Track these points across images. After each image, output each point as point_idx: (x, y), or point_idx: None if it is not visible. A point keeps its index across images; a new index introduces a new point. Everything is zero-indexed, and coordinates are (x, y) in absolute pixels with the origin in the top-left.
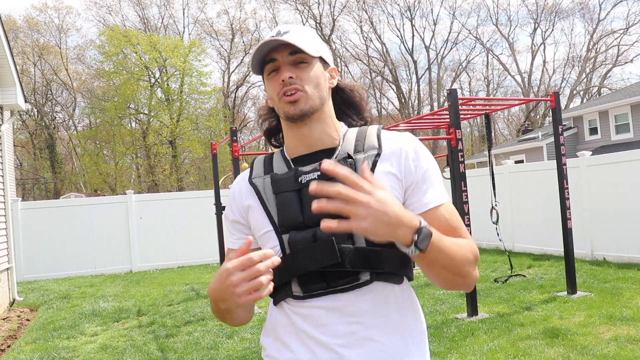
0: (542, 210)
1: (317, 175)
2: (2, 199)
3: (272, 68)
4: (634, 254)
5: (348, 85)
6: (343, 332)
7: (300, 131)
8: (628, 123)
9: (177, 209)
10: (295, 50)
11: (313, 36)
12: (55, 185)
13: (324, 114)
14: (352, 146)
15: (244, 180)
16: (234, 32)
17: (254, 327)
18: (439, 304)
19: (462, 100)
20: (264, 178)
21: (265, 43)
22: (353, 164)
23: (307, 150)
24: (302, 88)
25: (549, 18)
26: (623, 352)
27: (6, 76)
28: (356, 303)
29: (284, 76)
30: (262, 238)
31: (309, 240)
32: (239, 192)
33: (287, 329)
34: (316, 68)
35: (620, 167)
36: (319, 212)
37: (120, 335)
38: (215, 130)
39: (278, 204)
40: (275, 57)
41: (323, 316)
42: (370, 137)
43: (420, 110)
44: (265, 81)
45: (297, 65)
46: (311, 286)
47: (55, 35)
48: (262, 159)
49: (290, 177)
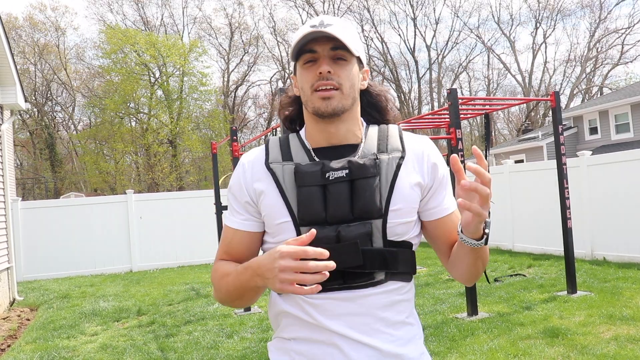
0: (542, 210)
1: (346, 174)
2: (2, 198)
3: (310, 58)
4: (634, 253)
5: (376, 89)
6: (356, 322)
7: (327, 127)
8: (628, 123)
9: (177, 208)
10: (337, 46)
11: (355, 33)
12: (55, 184)
13: (352, 114)
14: (375, 145)
15: (258, 161)
16: (233, 30)
17: (254, 327)
18: (439, 303)
19: (462, 99)
20: (282, 165)
21: (309, 33)
22: (379, 163)
23: (329, 143)
24: (338, 85)
25: (551, 17)
26: (623, 352)
27: (6, 75)
28: (369, 297)
29: (323, 69)
30: (277, 227)
31: (333, 240)
32: (250, 173)
33: (300, 318)
34: (354, 67)
35: (620, 167)
36: (465, 208)
37: (120, 335)
38: (215, 129)
39: (301, 197)
40: (315, 48)
41: (336, 307)
42: (392, 138)
43: (420, 110)
44: (299, 70)
45: (336, 61)
46: (328, 283)
47: (54, 34)
48: (277, 141)
49: (316, 171)
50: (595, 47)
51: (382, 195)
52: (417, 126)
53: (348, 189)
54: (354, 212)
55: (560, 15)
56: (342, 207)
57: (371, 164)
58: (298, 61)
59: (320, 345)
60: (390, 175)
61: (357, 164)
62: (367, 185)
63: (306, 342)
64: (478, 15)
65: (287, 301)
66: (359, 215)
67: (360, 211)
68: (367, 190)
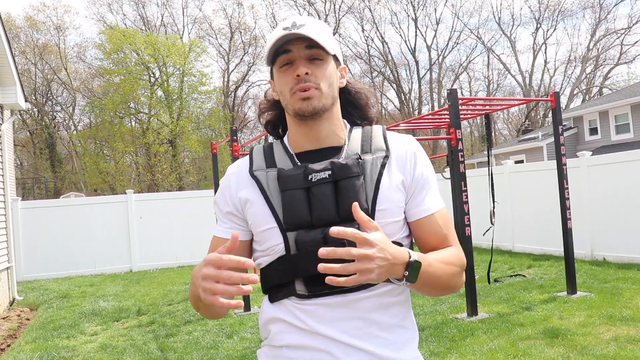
0: (542, 210)
1: (328, 175)
2: (2, 198)
3: (286, 60)
4: (634, 254)
5: (355, 86)
6: (348, 327)
7: (308, 128)
8: (628, 123)
9: (177, 208)
10: (312, 45)
11: (329, 32)
12: (55, 184)
13: (333, 113)
14: (359, 146)
15: (243, 170)
16: (233, 30)
17: (254, 327)
18: (439, 304)
19: (462, 100)
20: (266, 171)
21: (283, 36)
22: (362, 164)
23: (313, 147)
24: (317, 86)
25: (552, 17)
26: (623, 352)
27: (6, 75)
28: (361, 301)
29: (300, 71)
30: (263, 234)
31: (320, 243)
32: (235, 182)
33: (291, 324)
34: (330, 66)
35: (620, 167)
36: (325, 272)
37: (120, 335)
38: (215, 129)
39: (285, 201)
40: (290, 48)
41: (328, 313)
42: (376, 138)
43: (420, 110)
44: (276, 73)
45: (312, 61)
46: (318, 287)
47: (54, 34)
48: (260, 149)
49: (299, 174)
50: (596, 47)
51: (368, 195)
52: (417, 126)
53: (332, 190)
54: (340, 214)
55: (561, 15)
56: (327, 209)
57: (354, 163)
58: (274, 65)
59: (312, 351)
60: (375, 175)
61: (339, 165)
62: (351, 185)
63: (298, 349)
64: (479, 16)
65: (277, 307)
66: (345, 217)
67: (346, 212)
68: (350, 190)
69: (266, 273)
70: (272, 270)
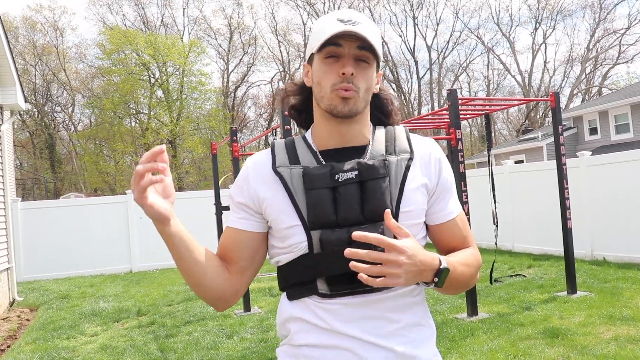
0: (542, 210)
1: (355, 175)
2: (2, 199)
3: (333, 53)
4: (634, 254)
5: (385, 94)
6: (370, 326)
7: (338, 127)
8: (628, 123)
9: (177, 208)
10: (364, 46)
11: (379, 35)
12: (55, 185)
13: (364, 116)
14: (383, 147)
15: (266, 164)
16: (232, 31)
17: (254, 327)
18: (439, 304)
19: (462, 100)
20: (290, 168)
21: (341, 31)
22: (387, 165)
23: (337, 145)
24: (357, 89)
25: (551, 17)
26: (623, 352)
27: (6, 76)
28: (382, 302)
29: (347, 70)
30: (286, 231)
31: (345, 243)
32: (255, 177)
33: (312, 323)
34: (373, 71)
35: (620, 167)
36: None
37: (120, 336)
38: (215, 129)
39: (311, 200)
40: (341, 42)
41: (350, 312)
42: (400, 139)
43: (420, 110)
44: (318, 62)
45: (358, 62)
46: (340, 286)
47: (52, 35)
48: (282, 144)
49: (325, 173)
50: (595, 47)
51: (392, 197)
52: (417, 126)
53: (358, 190)
54: (365, 214)
55: (561, 15)
56: (352, 209)
57: (380, 165)
58: (319, 52)
59: (334, 350)
60: (399, 177)
61: (366, 165)
62: (377, 187)
63: (319, 348)
64: (479, 16)
65: (297, 305)
66: (370, 217)
67: (371, 213)
68: (377, 191)
69: (286, 271)
70: (293, 268)
